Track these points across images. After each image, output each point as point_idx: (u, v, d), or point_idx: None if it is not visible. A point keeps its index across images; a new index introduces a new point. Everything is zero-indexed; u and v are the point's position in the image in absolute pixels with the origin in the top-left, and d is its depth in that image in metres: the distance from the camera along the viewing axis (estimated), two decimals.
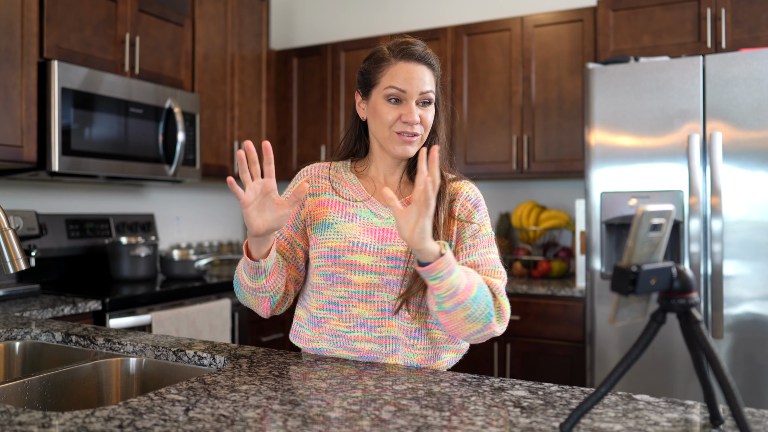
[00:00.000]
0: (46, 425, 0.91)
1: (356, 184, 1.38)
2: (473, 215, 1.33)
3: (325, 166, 1.42)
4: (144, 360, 1.43)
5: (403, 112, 1.27)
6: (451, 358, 1.36)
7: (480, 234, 1.33)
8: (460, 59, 3.29)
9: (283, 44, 4.17)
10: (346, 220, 1.33)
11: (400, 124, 1.28)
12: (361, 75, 1.36)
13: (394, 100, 1.28)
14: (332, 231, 1.32)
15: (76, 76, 2.47)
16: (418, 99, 1.28)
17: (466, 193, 1.35)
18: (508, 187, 3.55)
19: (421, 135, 1.30)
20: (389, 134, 1.29)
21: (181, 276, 2.92)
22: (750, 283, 2.32)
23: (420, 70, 1.28)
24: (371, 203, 1.34)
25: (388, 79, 1.28)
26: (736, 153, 2.34)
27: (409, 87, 1.27)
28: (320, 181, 1.39)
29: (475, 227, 1.32)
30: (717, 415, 0.90)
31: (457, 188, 1.35)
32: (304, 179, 1.38)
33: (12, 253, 1.22)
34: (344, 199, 1.35)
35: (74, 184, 2.97)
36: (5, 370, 1.61)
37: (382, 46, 1.33)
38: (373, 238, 1.30)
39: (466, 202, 1.34)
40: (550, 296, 2.78)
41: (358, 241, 1.29)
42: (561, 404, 1.01)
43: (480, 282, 1.19)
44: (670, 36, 2.78)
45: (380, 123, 1.30)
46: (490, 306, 1.19)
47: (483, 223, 1.35)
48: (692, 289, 0.84)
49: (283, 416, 0.95)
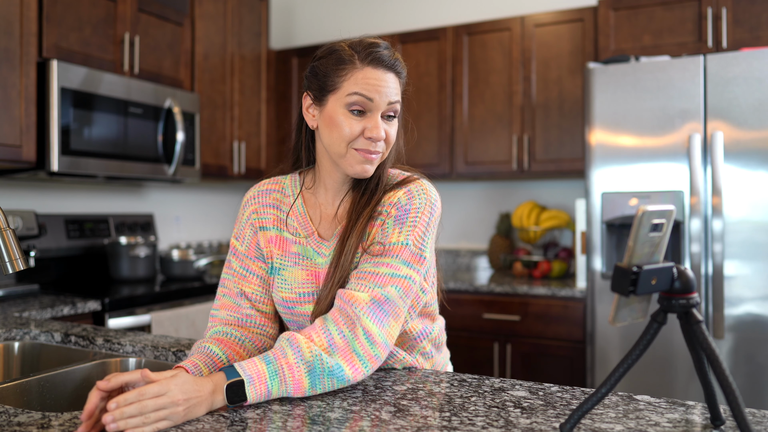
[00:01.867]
0: (45, 426, 0.91)
1: (302, 214, 1.22)
2: (387, 223, 1.14)
3: (274, 190, 1.25)
4: (143, 360, 1.43)
5: (367, 125, 1.11)
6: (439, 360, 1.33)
7: (388, 242, 1.12)
8: (460, 59, 3.29)
9: (282, 44, 4.17)
10: (291, 263, 1.20)
11: (363, 140, 1.11)
12: (312, 75, 1.16)
13: (357, 111, 1.11)
14: (280, 279, 1.20)
15: (76, 75, 2.47)
16: (384, 111, 1.12)
17: (397, 199, 1.16)
18: (509, 187, 3.55)
19: (383, 153, 1.15)
20: (346, 151, 1.12)
21: (181, 276, 2.92)
22: (751, 283, 2.32)
23: (389, 79, 1.12)
24: (314, 239, 1.19)
25: (351, 84, 1.10)
26: (737, 153, 2.34)
27: (377, 96, 1.10)
28: (267, 211, 1.23)
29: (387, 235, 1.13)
30: (718, 416, 0.90)
31: (390, 197, 1.17)
32: (250, 209, 1.24)
33: (11, 253, 1.22)
34: (289, 234, 1.21)
35: (73, 183, 2.97)
36: (4, 370, 1.61)
37: (342, 43, 1.15)
38: (317, 284, 1.18)
39: (391, 209, 1.15)
40: (551, 296, 2.78)
41: (305, 290, 1.18)
42: (561, 405, 1.01)
43: (306, 360, 1.00)
44: (671, 35, 2.78)
45: (337, 136, 1.12)
46: (332, 372, 1.01)
47: (402, 231, 1.12)
48: (693, 290, 0.83)
49: (283, 416, 0.95)
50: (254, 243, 1.23)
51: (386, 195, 1.17)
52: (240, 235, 1.25)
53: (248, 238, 1.23)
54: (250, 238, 1.23)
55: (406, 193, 1.16)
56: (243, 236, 1.24)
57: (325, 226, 1.21)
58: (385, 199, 1.17)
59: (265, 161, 3.70)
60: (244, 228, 1.24)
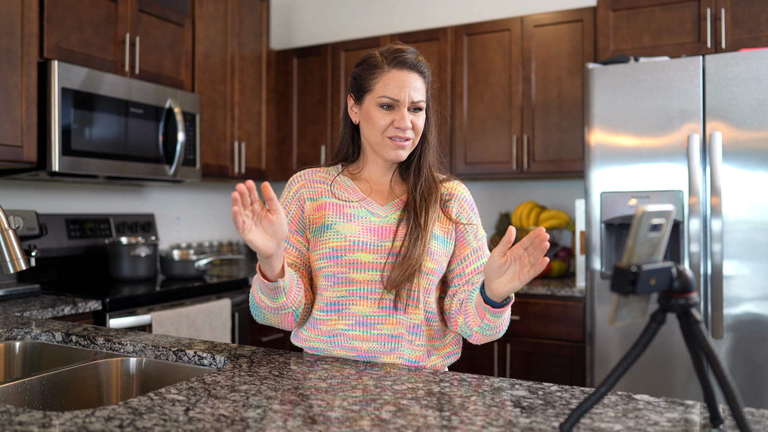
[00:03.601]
0: (47, 425, 0.91)
1: (351, 186, 1.40)
2: (472, 217, 1.41)
3: (319, 171, 1.43)
4: (144, 360, 1.43)
5: (395, 117, 1.32)
6: (440, 364, 1.39)
7: (480, 235, 1.41)
8: (460, 59, 3.29)
9: (283, 44, 4.17)
10: (345, 220, 1.35)
11: (393, 129, 1.32)
12: (353, 80, 1.39)
13: (387, 106, 1.32)
14: (332, 232, 1.34)
15: (76, 76, 2.47)
16: (409, 106, 1.32)
17: (461, 194, 1.42)
18: (508, 187, 3.55)
19: (413, 139, 1.35)
20: (381, 139, 1.33)
21: (181, 276, 2.92)
22: (750, 283, 2.32)
23: (412, 79, 1.33)
24: (367, 203, 1.37)
25: (381, 87, 1.32)
26: (735, 153, 2.34)
27: (402, 95, 1.31)
28: (316, 185, 1.40)
29: (475, 228, 1.40)
30: (717, 415, 0.90)
31: (451, 189, 1.41)
32: (299, 184, 1.40)
33: (12, 253, 1.22)
34: (341, 200, 1.37)
35: (74, 184, 2.97)
36: (5, 370, 1.61)
37: (375, 52, 1.37)
38: (373, 235, 1.33)
39: (463, 203, 1.41)
40: (550, 296, 2.78)
41: (358, 239, 1.32)
42: (561, 404, 1.01)
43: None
44: (670, 36, 2.78)
45: (373, 128, 1.34)
46: (507, 324, 1.32)
47: (479, 224, 1.43)
48: (692, 289, 0.84)
49: (283, 416, 0.95)
50: (297, 216, 1.38)
51: (444, 185, 1.41)
52: (285, 207, 1.38)
53: (292, 212, 1.38)
54: (294, 212, 1.38)
55: (464, 188, 1.43)
56: (288, 210, 1.38)
57: (380, 196, 1.40)
58: (448, 187, 1.41)
59: (265, 161, 3.70)
60: (290, 203, 1.39)
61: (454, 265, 1.39)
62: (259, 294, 1.28)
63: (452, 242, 1.38)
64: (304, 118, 3.75)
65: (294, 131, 3.78)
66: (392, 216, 1.36)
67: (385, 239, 1.33)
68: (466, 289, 1.35)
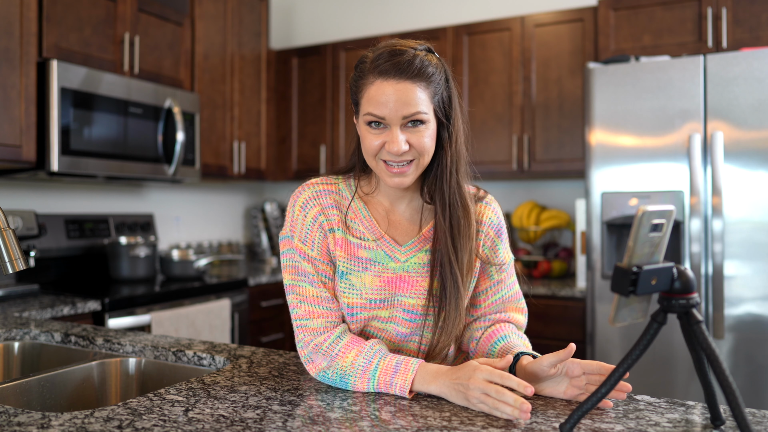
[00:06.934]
0: (45, 426, 0.91)
1: (367, 218, 1.18)
2: (497, 245, 1.23)
3: (331, 191, 1.19)
4: (143, 360, 1.43)
5: (386, 139, 1.08)
6: None
7: (506, 266, 1.25)
8: (460, 59, 3.29)
9: (282, 44, 4.17)
10: (360, 268, 1.16)
11: (385, 152, 1.09)
12: (350, 87, 1.16)
13: (375, 124, 1.08)
14: (347, 283, 1.15)
15: (76, 75, 2.47)
16: (403, 123, 1.07)
17: (489, 219, 1.22)
18: (509, 187, 3.55)
19: (416, 160, 1.10)
20: (376, 163, 1.11)
21: (181, 276, 2.92)
22: (751, 283, 2.32)
23: (401, 89, 1.05)
24: (385, 243, 1.17)
25: (366, 102, 1.09)
26: (737, 153, 2.34)
27: (388, 112, 1.06)
28: (329, 212, 1.17)
29: (501, 259, 1.23)
30: (718, 416, 0.90)
31: (480, 213, 1.21)
32: (315, 209, 1.16)
33: (11, 253, 1.22)
34: (355, 238, 1.16)
35: (73, 184, 2.97)
36: (4, 370, 1.61)
37: (368, 53, 1.12)
38: (390, 289, 1.16)
39: (489, 230, 1.22)
40: (551, 296, 2.78)
41: (374, 297, 1.15)
42: (561, 404, 1.01)
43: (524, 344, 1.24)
44: (671, 35, 2.78)
45: (365, 150, 1.12)
46: None
47: (507, 249, 1.25)
48: (693, 290, 0.83)
49: (283, 416, 0.95)
50: (325, 246, 1.16)
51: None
52: (307, 238, 1.16)
53: (318, 241, 1.16)
54: (320, 241, 1.16)
55: (493, 211, 1.23)
56: (312, 240, 1.16)
57: (398, 231, 1.19)
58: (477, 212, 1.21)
59: (265, 161, 3.70)
60: (312, 230, 1.16)
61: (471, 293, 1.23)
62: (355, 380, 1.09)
63: (476, 274, 1.22)
64: (304, 118, 3.75)
65: (294, 131, 3.77)
66: (412, 260, 1.16)
67: (401, 293, 1.16)
68: (481, 327, 1.25)
